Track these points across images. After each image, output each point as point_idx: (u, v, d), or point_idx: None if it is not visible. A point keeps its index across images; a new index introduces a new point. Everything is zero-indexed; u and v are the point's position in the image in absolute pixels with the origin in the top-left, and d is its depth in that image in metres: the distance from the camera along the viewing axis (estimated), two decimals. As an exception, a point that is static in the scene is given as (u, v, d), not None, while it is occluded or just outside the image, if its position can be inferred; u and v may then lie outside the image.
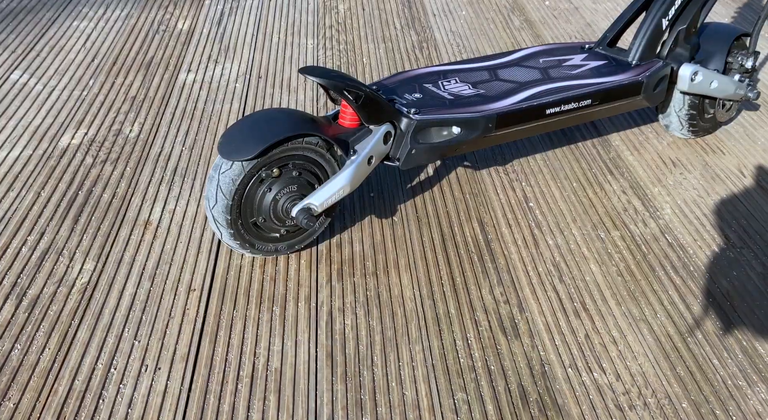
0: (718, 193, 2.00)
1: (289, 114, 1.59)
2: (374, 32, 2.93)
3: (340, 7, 3.18)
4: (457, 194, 1.94)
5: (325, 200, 1.60)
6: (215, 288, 1.65)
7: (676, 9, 1.95)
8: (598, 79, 1.87)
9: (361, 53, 2.75)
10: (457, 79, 1.87)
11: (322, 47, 2.79)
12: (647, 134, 2.28)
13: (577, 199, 1.94)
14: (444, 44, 2.84)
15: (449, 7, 3.21)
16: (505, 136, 1.77)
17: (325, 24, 3.01)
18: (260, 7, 3.19)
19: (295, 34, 2.92)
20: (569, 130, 2.28)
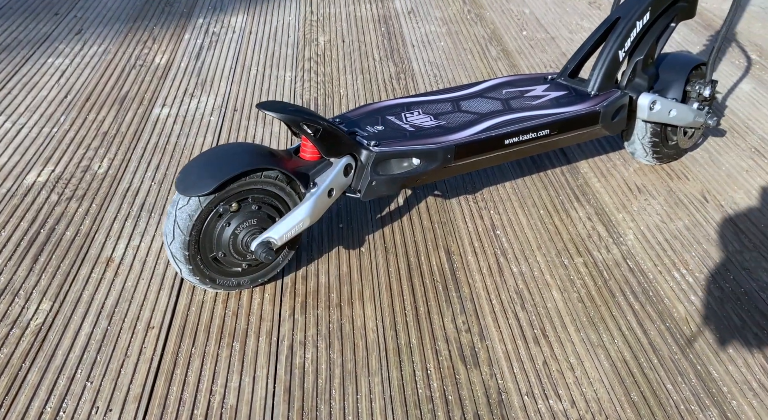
0: (680, 219, 2.01)
1: (248, 148, 1.59)
2: (353, 64, 2.96)
3: (320, 40, 3.21)
4: (425, 223, 1.96)
5: (284, 234, 1.59)
6: (175, 325, 1.63)
7: (632, 41, 1.97)
8: (556, 109, 1.89)
9: (338, 85, 2.78)
10: (420, 111, 1.89)
11: (300, 79, 2.82)
12: (615, 161, 2.29)
13: (544, 227, 1.96)
14: (421, 75, 2.87)
15: (428, 38, 3.24)
16: (465, 166, 1.79)
17: (305, 56, 3.03)
18: (240, 40, 3.20)
19: (273, 66, 2.94)
20: (539, 158, 2.30)
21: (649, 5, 1.95)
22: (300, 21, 3.39)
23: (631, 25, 1.95)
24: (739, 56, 3.09)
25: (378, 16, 3.47)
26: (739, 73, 2.93)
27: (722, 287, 1.75)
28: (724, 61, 3.04)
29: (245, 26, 3.34)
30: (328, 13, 3.48)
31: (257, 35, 3.25)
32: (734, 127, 2.51)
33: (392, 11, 3.54)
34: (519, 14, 3.55)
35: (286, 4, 3.59)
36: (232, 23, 3.37)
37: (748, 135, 2.46)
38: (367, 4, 3.62)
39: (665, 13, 2.03)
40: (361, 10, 3.53)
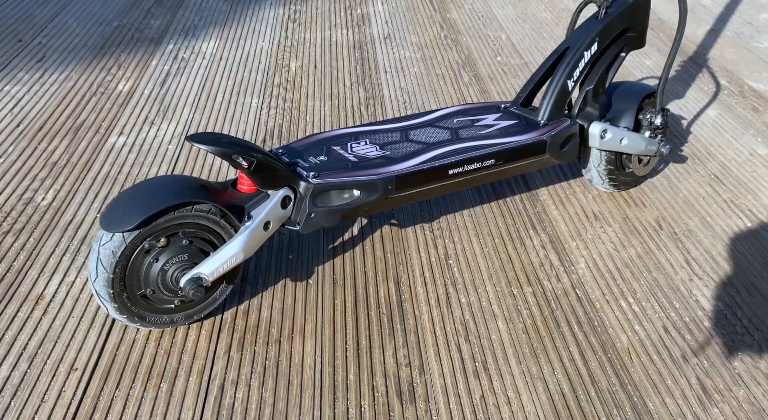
0: (633, 247, 2.02)
1: (178, 182, 1.57)
2: (323, 90, 2.99)
3: (292, 66, 3.23)
4: (378, 253, 1.97)
5: (215, 269, 1.57)
6: (101, 366, 1.58)
7: (581, 71, 1.99)
8: (504, 139, 1.90)
9: (305, 111, 2.80)
10: (368, 141, 1.90)
11: (267, 106, 2.83)
12: (575, 188, 2.31)
13: (497, 255, 1.97)
14: (390, 101, 2.90)
15: (402, 63, 3.27)
16: (409, 197, 1.79)
17: (274, 82, 3.06)
18: (209, 66, 3.21)
19: (240, 93, 2.96)
20: (499, 185, 2.32)
21: (597, 36, 1.98)
22: (273, 46, 3.42)
23: (579, 56, 1.97)
24: (708, 82, 3.12)
25: (354, 41, 3.50)
26: (706, 98, 2.96)
27: (667, 316, 1.76)
28: (693, 87, 3.07)
29: (216, 52, 3.36)
30: (303, 39, 3.51)
31: (227, 61, 3.27)
32: (696, 153, 2.53)
33: (369, 37, 3.57)
34: (495, 39, 3.58)
35: (261, 30, 3.62)
36: (202, 49, 3.39)
37: (709, 161, 2.47)
38: (343, 29, 3.65)
39: (614, 44, 2.05)
40: (337, 35, 3.57)
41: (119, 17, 3.80)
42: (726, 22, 3.81)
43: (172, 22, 3.73)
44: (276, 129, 2.66)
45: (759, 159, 2.49)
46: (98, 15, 3.82)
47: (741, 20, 3.82)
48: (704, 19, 3.85)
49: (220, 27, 3.66)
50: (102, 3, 4.00)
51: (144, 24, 3.70)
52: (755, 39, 3.57)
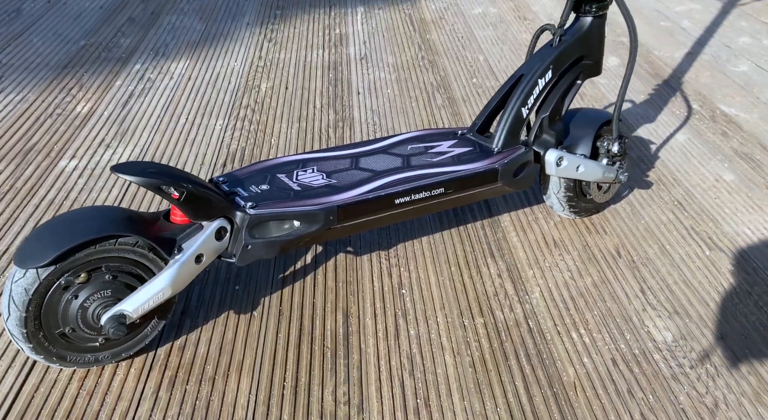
0: (590, 275, 2.02)
1: (102, 213, 1.52)
2: (292, 112, 2.99)
3: (262, 86, 3.24)
4: (330, 283, 1.96)
5: (140, 306, 1.52)
6: (14, 411, 1.50)
7: (535, 98, 2.00)
8: (455, 167, 1.90)
9: (271, 134, 2.80)
10: (315, 169, 1.88)
11: (231, 128, 2.83)
12: (537, 214, 2.31)
13: (452, 284, 1.97)
14: (360, 123, 2.90)
15: (376, 85, 3.28)
16: (354, 227, 1.76)
17: (242, 104, 3.05)
18: (175, 87, 3.20)
19: (205, 114, 2.95)
20: (461, 211, 2.32)
21: (551, 64, 1.99)
22: (246, 67, 3.42)
23: (533, 83, 1.98)
24: (681, 106, 3.13)
25: (329, 62, 3.51)
26: (677, 123, 2.97)
27: (617, 348, 1.76)
28: (665, 111, 3.08)
29: (184, 72, 3.36)
30: (277, 59, 3.52)
31: (195, 82, 3.26)
32: (662, 179, 2.53)
33: (345, 57, 3.58)
34: (473, 61, 3.60)
35: (234, 49, 3.63)
36: (171, 69, 3.39)
37: (674, 187, 2.48)
38: (319, 49, 3.66)
39: (569, 71, 2.06)
40: (312, 55, 3.58)
41: (88, 36, 3.80)
42: (704, 45, 3.83)
43: (142, 40, 3.74)
44: (238, 152, 2.66)
45: (723, 185, 2.49)
46: (66, 33, 3.82)
47: (719, 43, 3.84)
48: (683, 41, 3.87)
49: (192, 46, 3.67)
50: (72, 21, 4.00)
51: (113, 43, 3.70)
52: (731, 63, 3.59)
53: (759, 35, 3.93)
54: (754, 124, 2.93)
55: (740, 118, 2.98)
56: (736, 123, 2.95)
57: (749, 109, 3.07)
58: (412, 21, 4.13)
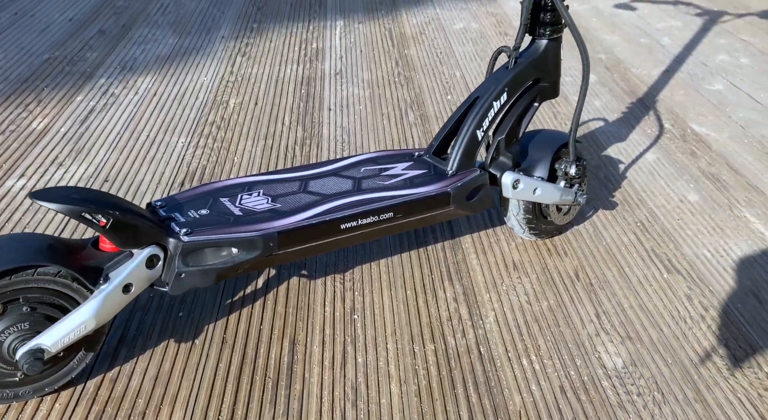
0: (546, 299, 2.04)
1: (22, 242, 1.48)
2: (259, 128, 3.00)
3: (231, 102, 3.24)
4: (279, 309, 1.97)
5: (59, 339, 1.47)
6: None
7: (490, 120, 2.02)
8: (406, 190, 1.90)
9: (234, 151, 2.80)
10: (261, 192, 1.86)
11: (194, 145, 2.83)
12: (499, 236, 2.33)
13: (406, 309, 1.98)
14: (328, 141, 2.92)
15: (348, 101, 3.30)
16: (298, 253, 1.75)
17: (207, 120, 3.06)
18: (140, 102, 3.20)
19: (168, 131, 2.95)
20: (422, 232, 2.33)
21: (506, 86, 2.00)
22: (215, 82, 3.44)
23: (488, 105, 2.00)
24: (653, 124, 3.16)
25: (302, 77, 3.53)
26: (648, 142, 2.99)
27: (567, 375, 1.77)
28: (637, 130, 3.10)
29: (151, 87, 3.36)
30: (249, 74, 3.53)
31: (161, 97, 3.26)
32: (627, 199, 2.55)
33: (319, 73, 3.60)
34: (449, 77, 3.62)
35: (206, 64, 3.64)
36: (137, 84, 3.39)
37: (639, 208, 2.50)
38: (294, 64, 3.68)
39: (526, 93, 2.08)
40: (286, 70, 3.59)
41: (53, 49, 3.80)
42: (682, 63, 3.86)
43: (110, 54, 3.74)
44: (198, 170, 2.66)
45: (687, 206, 2.51)
46: (30, 47, 3.82)
47: (697, 61, 3.88)
48: (661, 59, 3.90)
49: (162, 61, 3.67)
50: (37, 34, 4.01)
51: (79, 56, 3.70)
52: (707, 81, 3.62)
53: (736, 53, 3.97)
54: (723, 143, 2.96)
55: (710, 138, 3.01)
56: (706, 142, 2.97)
57: (720, 128, 3.10)
58: (391, 36, 4.16)
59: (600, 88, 3.52)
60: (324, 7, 4.64)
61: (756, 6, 4.77)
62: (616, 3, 4.91)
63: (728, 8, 4.74)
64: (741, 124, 3.14)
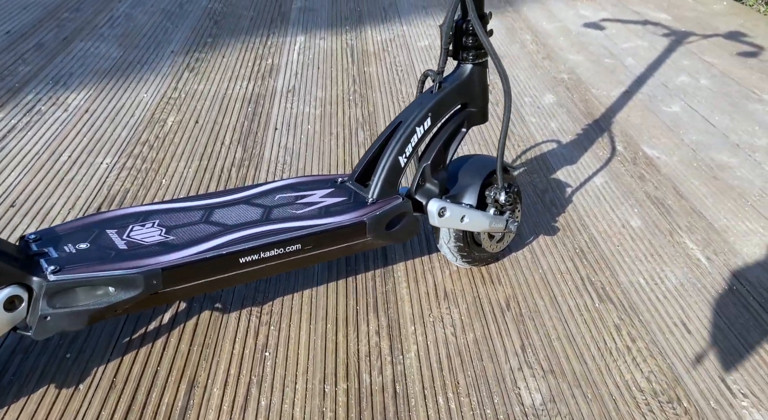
0: (474, 330, 2.01)
1: None
2: (195, 149, 2.95)
3: (169, 120, 3.19)
4: (183, 347, 1.89)
5: None
6: None
7: (413, 146, 1.99)
8: (319, 220, 1.85)
9: (164, 173, 2.74)
10: (156, 223, 1.77)
11: (120, 167, 2.76)
12: (434, 263, 2.30)
13: (323, 344, 1.94)
14: (268, 162, 2.88)
15: (297, 120, 3.27)
16: (190, 290, 1.65)
17: (140, 140, 3.01)
18: (67, 120, 3.11)
19: (93, 152, 2.87)
20: (353, 259, 2.30)
21: (429, 111, 1.98)
22: (156, 99, 3.39)
23: (410, 131, 1.97)
24: (606, 147, 3.15)
25: (251, 95, 3.50)
26: (598, 165, 2.99)
27: (482, 413, 1.74)
28: (588, 153, 3.10)
29: (82, 104, 3.29)
30: (195, 91, 3.50)
31: (93, 115, 3.19)
32: (570, 224, 2.54)
33: (270, 90, 3.58)
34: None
35: (148, 79, 3.60)
36: (68, 100, 3.31)
37: (580, 234, 2.48)
38: (244, 81, 3.65)
39: (452, 119, 2.06)
40: (235, 87, 3.56)
41: None
42: (642, 84, 3.87)
43: (45, 68, 3.68)
44: (119, 194, 2.60)
45: (629, 231, 2.50)
46: None
47: (657, 82, 3.89)
48: (622, 79, 3.91)
49: (101, 76, 3.62)
50: None
51: (9, 71, 3.64)
52: (665, 102, 3.63)
53: (697, 74, 3.98)
54: (672, 167, 2.96)
55: (660, 161, 3.01)
56: (656, 166, 2.97)
57: (671, 151, 3.10)
58: (353, 52, 4.15)
59: (557, 110, 3.52)
60: (286, 22, 4.63)
61: (723, 27, 4.81)
62: (586, 22, 4.93)
63: (696, 29, 4.77)
64: (692, 147, 3.14)
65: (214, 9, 4.79)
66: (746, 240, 2.49)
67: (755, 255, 2.41)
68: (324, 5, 5.06)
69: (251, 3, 4.97)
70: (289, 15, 4.78)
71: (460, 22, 1.95)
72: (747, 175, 2.92)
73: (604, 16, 5.04)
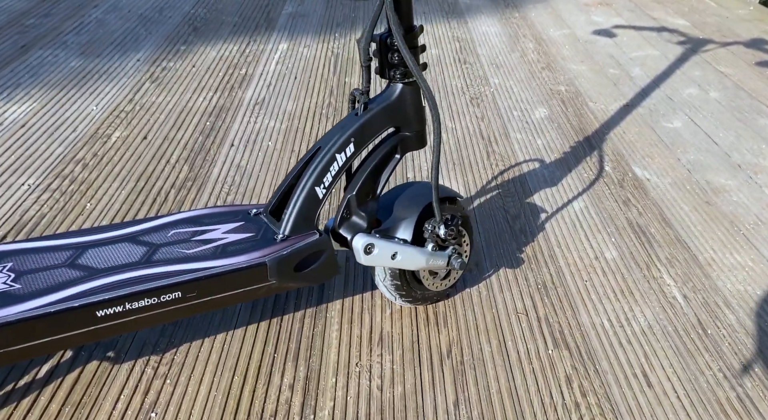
0: (404, 382, 1.80)
1: None
2: (135, 168, 2.77)
3: (114, 136, 3.02)
4: (53, 407, 1.68)
5: None
6: None
7: (333, 176, 1.79)
8: (209, 262, 1.63)
9: (93, 196, 2.55)
10: (7, 267, 1.54)
11: (43, 189, 2.58)
12: (375, 301, 2.11)
13: (223, 402, 1.74)
14: (213, 183, 2.70)
15: (258, 136, 3.09)
16: (30, 350, 1.44)
17: (74, 157, 2.83)
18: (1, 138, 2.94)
19: (17, 172, 2.69)
20: (285, 296, 2.10)
21: (352, 136, 1.78)
22: (105, 112, 3.22)
23: (329, 159, 1.77)
24: (592, 167, 2.94)
25: (214, 107, 3.33)
26: (580, 187, 2.77)
27: (392, 488, 1.53)
28: (573, 173, 2.88)
29: (20, 118, 3.11)
30: (152, 103, 3.34)
31: (30, 130, 3.01)
32: (537, 255, 2.32)
33: (237, 102, 3.41)
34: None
35: (103, 90, 3.42)
36: (5, 114, 3.14)
37: (546, 266, 2.27)
38: (209, 92, 3.49)
39: (383, 144, 1.85)
40: (198, 99, 3.40)
41: None
42: (646, 97, 3.64)
43: None
44: (33, 220, 2.40)
45: (602, 264, 2.28)
46: None
47: (662, 95, 3.66)
48: (625, 92, 3.69)
49: (51, 87, 3.46)
50: None
51: None
52: (666, 117, 3.39)
53: (708, 86, 3.74)
54: (662, 190, 2.73)
55: (650, 183, 2.78)
56: (644, 189, 2.74)
57: (664, 172, 2.87)
58: (336, 61, 3.97)
59: (547, 125, 3.31)
60: (271, 29, 4.48)
61: (746, 34, 4.55)
62: (596, 29, 4.71)
63: (715, 36, 4.52)
64: (688, 168, 2.90)
65: (196, 15, 4.65)
66: (731, 275, 2.25)
67: (738, 293, 2.17)
68: (317, 11, 4.90)
69: (238, 8, 4.83)
70: (276, 21, 4.63)
71: (384, 36, 1.75)
72: (744, 200, 2.68)
73: (617, 23, 4.81)
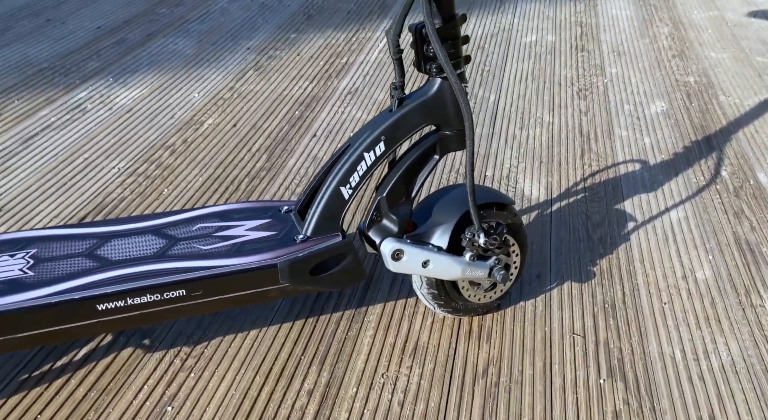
0: (428, 400, 1.72)
1: None
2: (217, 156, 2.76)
3: (206, 123, 3.01)
4: (79, 392, 1.72)
5: None
6: None
7: (361, 176, 1.71)
8: (221, 261, 1.60)
9: (171, 182, 2.57)
10: (30, 253, 1.58)
11: (129, 172, 2.62)
12: (418, 308, 2.03)
13: (238, 402, 1.72)
14: (286, 174, 2.70)
15: (342, 126, 3.07)
16: (29, 340, 1.45)
17: (165, 143, 2.81)
18: (104, 120, 3.02)
19: (112, 155, 2.75)
20: (326, 295, 2.06)
21: (382, 134, 1.70)
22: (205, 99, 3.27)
23: (356, 158, 1.70)
24: (705, 172, 2.68)
25: (307, 96, 3.34)
26: (686, 194, 2.54)
27: None
28: (681, 175, 2.65)
29: (128, 103, 3.19)
30: (249, 91, 3.38)
31: (134, 115, 3.09)
32: (612, 270, 2.15)
33: (330, 91, 3.41)
34: (481, 100, 3.33)
35: (208, 78, 3.50)
36: (117, 99, 3.24)
37: (621, 282, 2.10)
38: (306, 81, 3.51)
39: (419, 144, 1.76)
40: (294, 88, 3.43)
41: (52, 59, 3.73)
42: None
43: (112, 65, 3.56)
44: (113, 204, 2.45)
45: (689, 285, 2.06)
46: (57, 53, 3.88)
47: None
48: None
49: (164, 74, 3.57)
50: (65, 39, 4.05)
51: (77, 67, 3.54)
52: None
53: None
54: (782, 201, 2.43)
55: (770, 193, 2.49)
56: (765, 200, 2.46)
57: (788, 180, 2.56)
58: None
59: (661, 121, 3.06)
60: (384, 15, 4.45)
61: None
62: (753, 10, 4.31)
63: None
64: (818, 177, 2.57)
65: (314, 2, 4.71)
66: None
67: None
68: (438, -4, 4.81)
69: (356, -5, 4.84)
70: (390, 8, 4.59)
71: (420, 26, 1.65)
72: None
73: (780, 3, 4.38)
